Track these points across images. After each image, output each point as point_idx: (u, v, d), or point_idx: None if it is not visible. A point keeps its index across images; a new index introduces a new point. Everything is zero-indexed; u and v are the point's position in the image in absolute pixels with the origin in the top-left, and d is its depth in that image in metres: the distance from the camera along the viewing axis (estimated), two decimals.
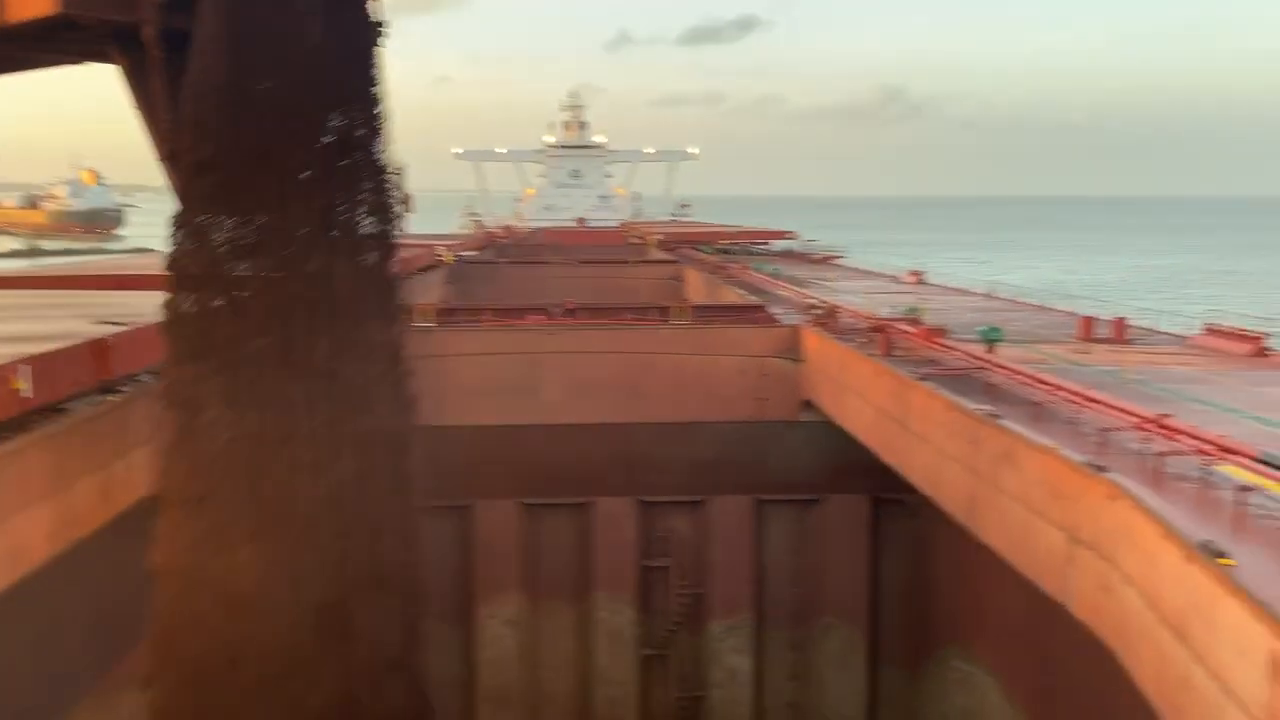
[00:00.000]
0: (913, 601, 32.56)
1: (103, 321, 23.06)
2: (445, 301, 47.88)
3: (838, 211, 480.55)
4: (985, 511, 20.32)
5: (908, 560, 32.77)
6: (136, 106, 19.77)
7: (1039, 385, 22.04)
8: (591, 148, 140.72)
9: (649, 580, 33.63)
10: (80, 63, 22.00)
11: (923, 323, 31.35)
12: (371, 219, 18.13)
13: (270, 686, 17.16)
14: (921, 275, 55.20)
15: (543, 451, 32.22)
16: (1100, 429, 18.86)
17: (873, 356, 27.69)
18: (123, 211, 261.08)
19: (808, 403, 32.29)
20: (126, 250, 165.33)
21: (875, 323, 31.00)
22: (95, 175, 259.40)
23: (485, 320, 36.50)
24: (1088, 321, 33.48)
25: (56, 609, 18.21)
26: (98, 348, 20.06)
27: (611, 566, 33.10)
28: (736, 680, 33.60)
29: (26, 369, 17.07)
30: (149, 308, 20.23)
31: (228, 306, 17.21)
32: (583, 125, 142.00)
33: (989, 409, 20.88)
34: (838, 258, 72.85)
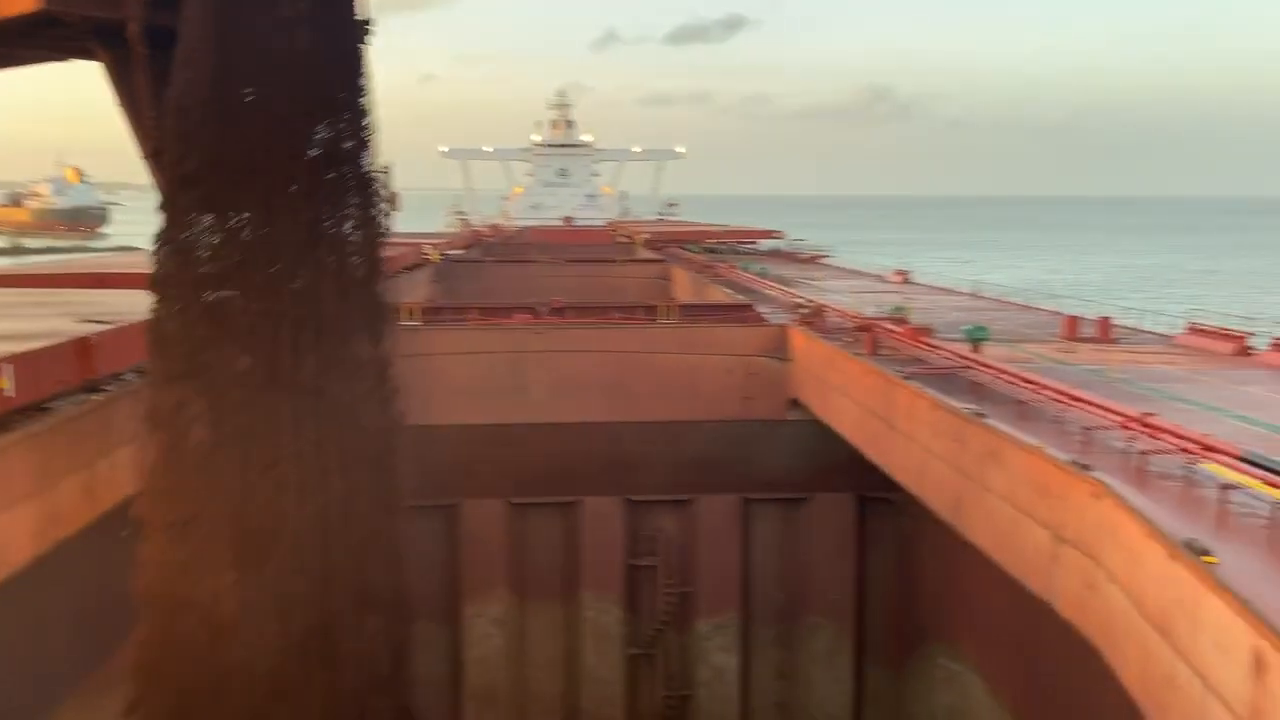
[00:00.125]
0: (899, 600, 32.66)
1: (86, 320, 22.93)
2: (431, 300, 47.80)
3: (824, 211, 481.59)
4: (971, 510, 20.41)
5: (894, 559, 32.86)
6: (120, 104, 19.68)
7: (1024, 384, 22.14)
8: (578, 146, 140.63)
9: (636, 579, 33.63)
10: (64, 60, 21.87)
11: (909, 322, 31.47)
12: (359, 233, 17.79)
13: (256, 713, 16.93)
14: (907, 275, 55.40)
15: (529, 450, 32.17)
16: (1085, 428, 18.98)
17: (859, 356, 27.77)
18: (107, 209, 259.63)
19: (794, 402, 32.35)
20: (110, 248, 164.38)
21: (862, 322, 31.09)
22: (79, 173, 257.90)
23: (472, 319, 36.43)
24: (1072, 321, 33.67)
25: (40, 609, 18.09)
26: (81, 346, 19.95)
27: (598, 565, 33.09)
28: (723, 679, 33.63)
29: (9, 368, 16.97)
30: (133, 306, 20.14)
31: (213, 325, 16.89)
32: (570, 124, 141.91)
33: (974, 408, 20.96)
34: (824, 257, 73.04)
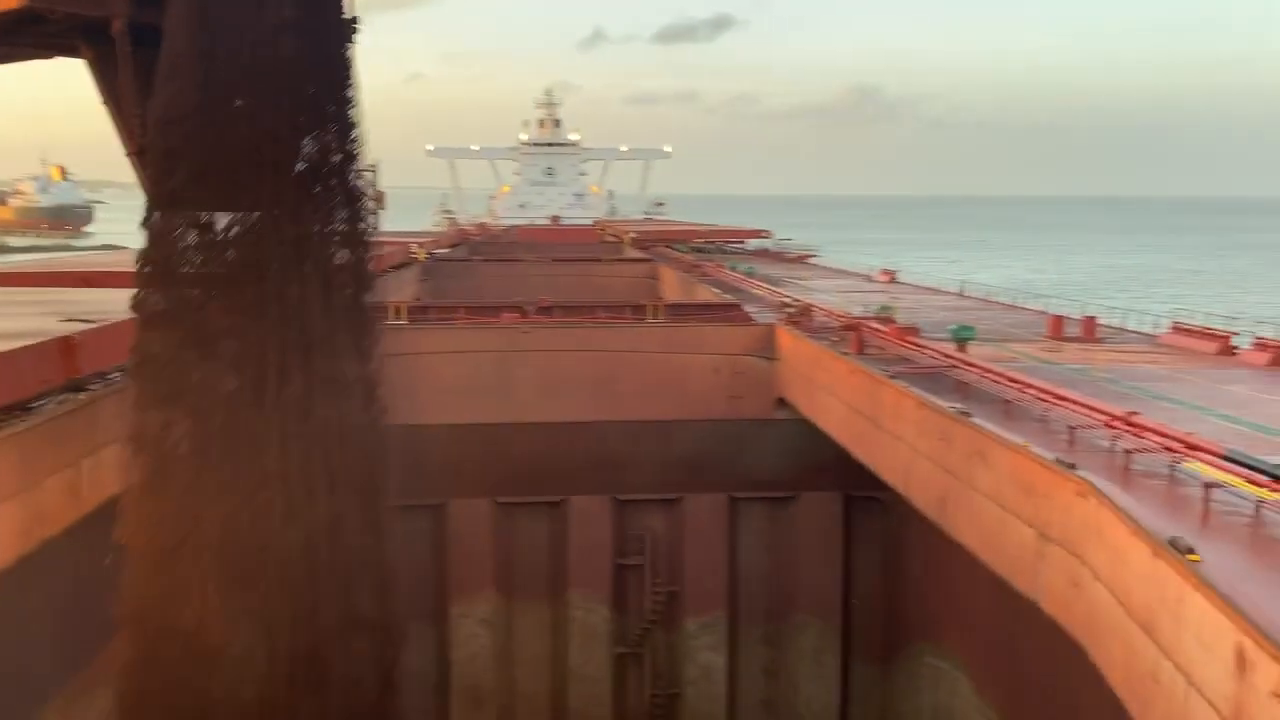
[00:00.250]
0: (885, 598, 32.76)
1: (70, 319, 22.80)
2: (418, 299, 47.72)
3: (811, 211, 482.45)
4: (957, 509, 20.49)
5: (880, 557, 32.97)
6: (105, 101, 19.57)
7: (1009, 383, 22.24)
8: (566, 145, 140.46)
9: (623, 578, 33.63)
10: (48, 57, 21.73)
11: (895, 321, 31.57)
12: (347, 249, 17.48)
13: None
14: (894, 274, 55.60)
15: (517, 450, 32.14)
16: (1070, 427, 19.08)
17: (846, 355, 27.84)
18: (91, 208, 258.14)
19: (782, 401, 32.41)
20: (94, 247, 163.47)
21: (848, 321, 31.18)
22: (63, 171, 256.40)
23: (459, 318, 36.37)
24: (1058, 320, 33.85)
25: (25, 609, 17.96)
26: (65, 345, 19.84)
27: (586, 565, 33.08)
28: (710, 678, 33.68)
29: None
30: (117, 305, 20.01)
31: (198, 346, 16.56)
32: (557, 123, 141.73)
33: (960, 407, 21.05)
34: (811, 257, 73.22)
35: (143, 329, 16.81)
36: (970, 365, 24.61)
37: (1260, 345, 28.44)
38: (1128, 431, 17.69)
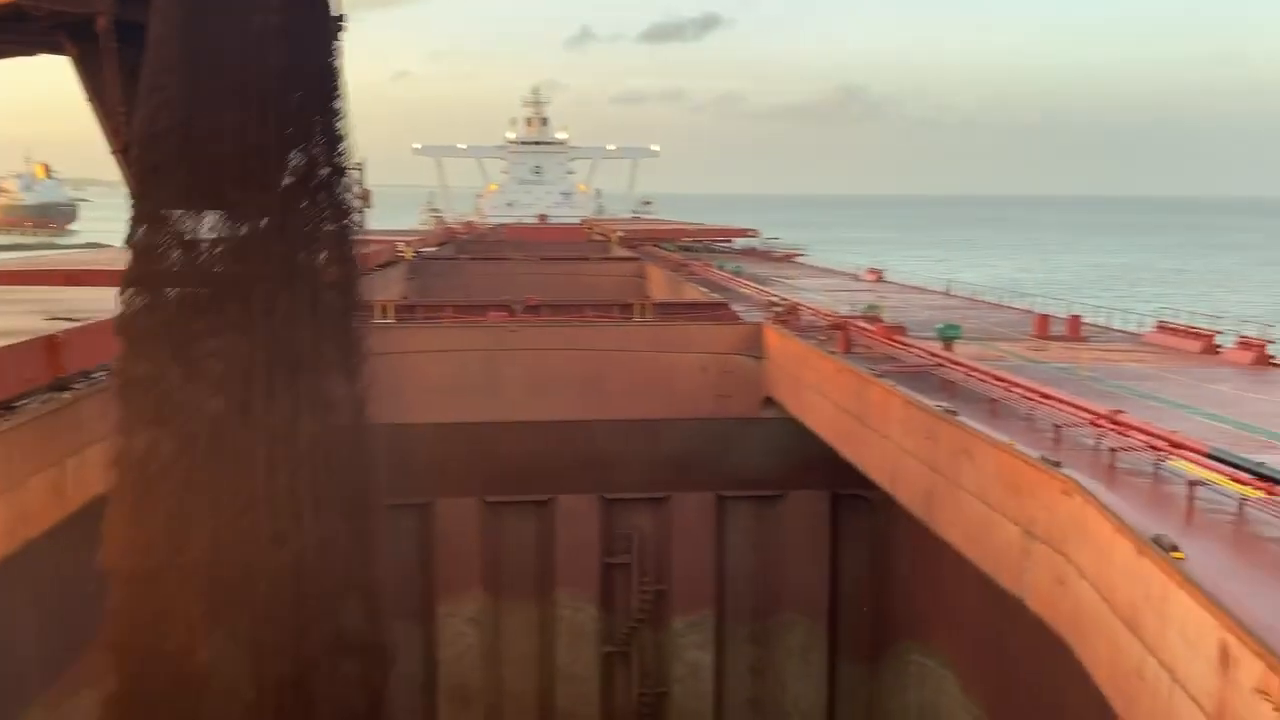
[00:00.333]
0: (872, 596, 32.86)
1: (54, 317, 22.69)
2: (405, 298, 47.60)
3: (798, 210, 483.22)
4: (943, 507, 20.56)
5: (867, 555, 33.07)
6: (89, 98, 19.47)
7: (995, 382, 22.32)
8: (553, 144, 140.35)
9: (611, 577, 33.64)
10: (32, 54, 21.59)
11: (882, 320, 31.65)
12: (335, 265, 17.13)
13: None
14: (881, 273, 55.78)
15: (504, 449, 32.10)
16: (1055, 425, 19.16)
17: (833, 354, 27.90)
18: (75, 206, 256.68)
19: (769, 399, 32.46)
20: (79, 245, 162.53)
21: (835, 320, 31.24)
22: (47, 169, 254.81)
23: (446, 317, 36.32)
24: (1043, 319, 34.00)
25: (7, 610, 17.87)
26: (50, 344, 19.73)
27: (573, 564, 33.07)
28: (698, 676, 33.71)
29: None
30: (102, 303, 19.90)
31: (183, 367, 16.23)
32: (544, 121, 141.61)
33: (946, 406, 21.12)
34: (799, 255, 73.36)
35: (127, 349, 16.44)
36: (956, 364, 24.69)
37: (1244, 344, 28.61)
38: (1113, 430, 17.78)
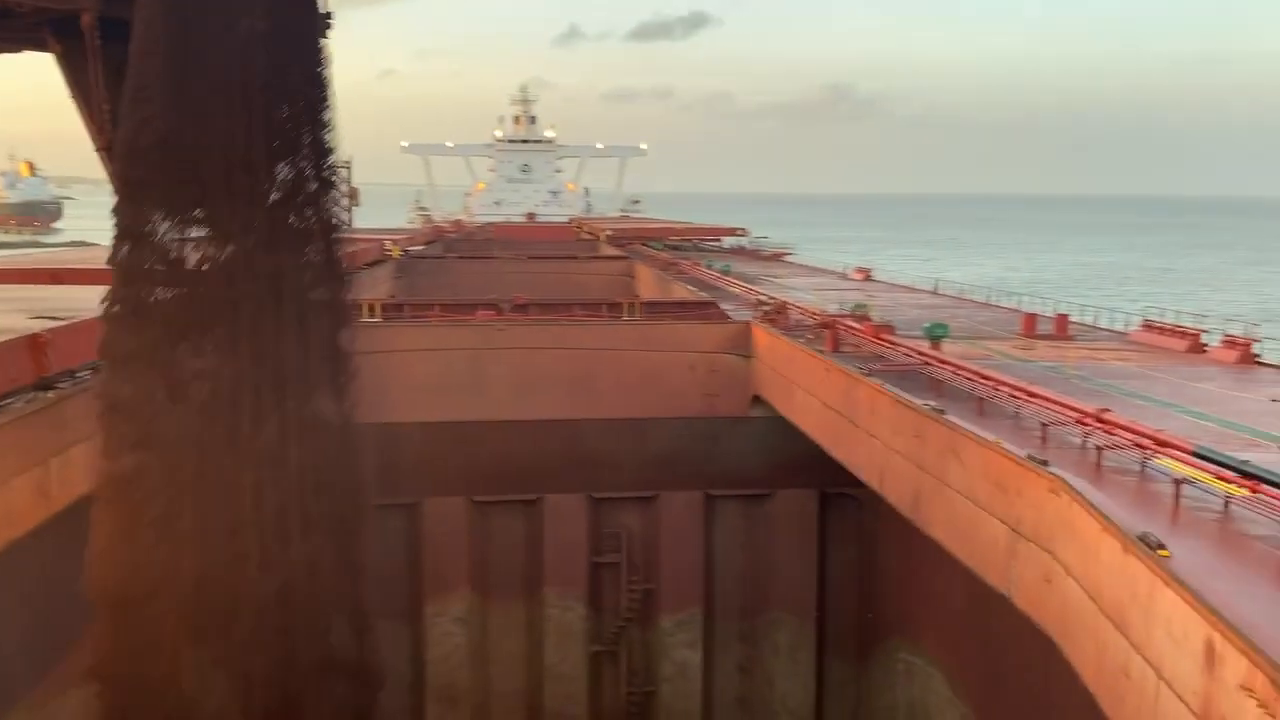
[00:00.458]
0: (860, 594, 32.94)
1: (39, 316, 22.53)
2: (393, 296, 47.49)
3: (787, 209, 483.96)
4: (930, 505, 20.61)
5: (855, 554, 33.13)
6: (74, 96, 19.34)
7: (983, 381, 22.38)
8: (541, 143, 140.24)
9: (599, 576, 33.61)
10: (16, 51, 21.43)
11: (870, 319, 31.71)
12: (322, 284, 16.79)
13: None
14: (869, 272, 55.92)
15: (492, 448, 32.04)
16: (1042, 423, 19.22)
17: (821, 353, 27.93)
18: (60, 204, 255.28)
19: (757, 398, 32.49)
20: (63, 243, 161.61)
21: (824, 319, 31.28)
22: (31, 166, 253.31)
23: (434, 316, 36.27)
24: (1030, 318, 34.15)
25: None
26: (34, 343, 19.58)
27: (561, 563, 33.03)
28: (686, 675, 33.72)
29: None
30: (86, 302, 19.78)
31: (168, 390, 15.87)
32: (532, 120, 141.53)
33: (934, 404, 21.16)
34: (787, 254, 73.49)
35: (111, 372, 16.10)
36: (944, 363, 24.74)
37: (1229, 343, 28.76)
38: (1099, 428, 17.84)
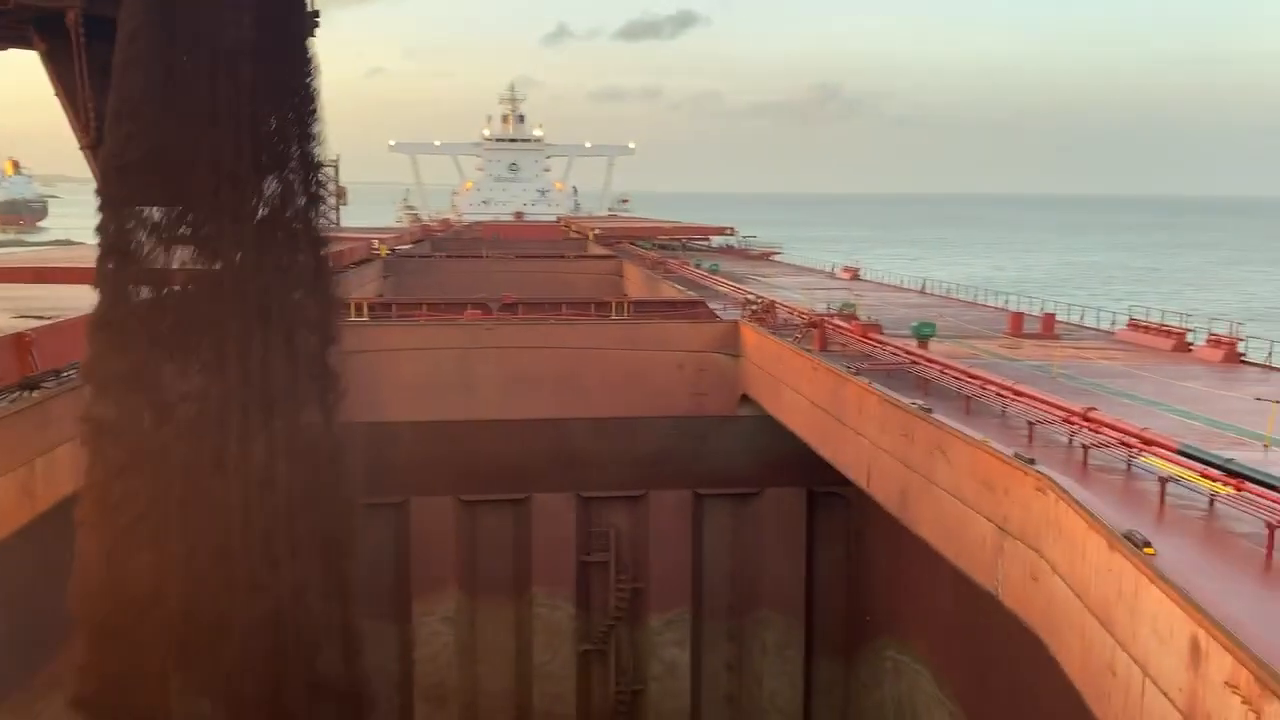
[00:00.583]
0: (848, 593, 33.03)
1: (23, 315, 22.42)
2: (381, 296, 47.40)
3: (774, 208, 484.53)
4: (918, 504, 20.67)
5: (843, 552, 33.22)
6: (58, 93, 19.21)
7: (970, 380, 22.46)
8: (529, 141, 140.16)
9: (587, 575, 33.62)
10: (1, 48, 21.29)
11: (857, 318, 31.79)
12: (311, 300, 16.54)
13: None
14: (856, 271, 56.04)
15: (480, 447, 32.00)
16: (1029, 422, 19.30)
17: (809, 352, 27.98)
18: (45, 202, 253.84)
19: (745, 397, 32.53)
20: (49, 242, 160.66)
21: (811, 318, 31.34)
22: (16, 165, 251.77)
23: (421, 315, 36.17)
24: (1017, 317, 34.29)
25: None
26: (18, 342, 19.49)
27: (550, 562, 33.02)
28: (675, 673, 33.76)
29: None
30: (72, 301, 19.69)
31: (155, 412, 15.63)
32: (521, 119, 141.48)
33: (921, 403, 21.23)
34: (775, 254, 73.61)
35: (97, 394, 15.78)
36: (931, 362, 24.82)
37: (1214, 342, 28.93)
38: (1085, 427, 17.93)
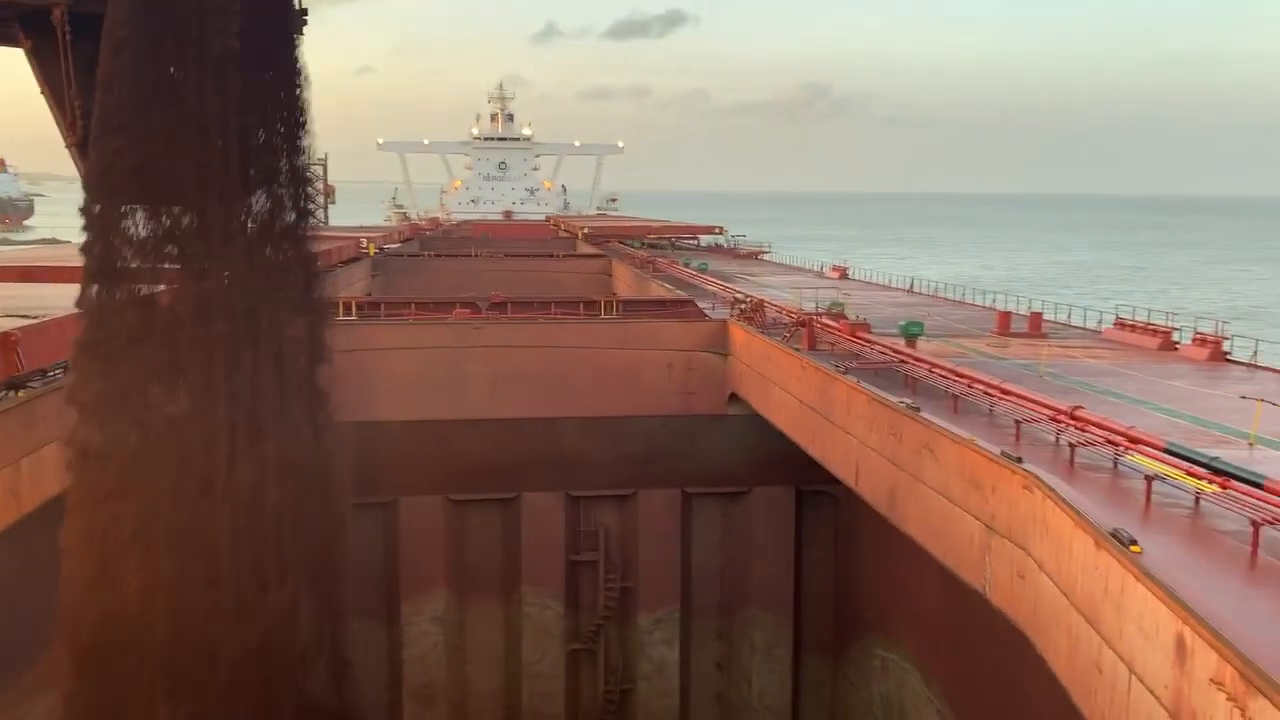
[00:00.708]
0: (836, 591, 33.10)
1: (9, 315, 22.30)
2: (369, 294, 47.30)
3: (763, 207, 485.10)
4: (906, 502, 20.73)
5: (831, 550, 33.29)
6: (44, 91, 19.12)
7: (957, 379, 22.54)
8: (518, 140, 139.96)
9: (577, 575, 33.61)
10: None
11: (846, 317, 31.87)
12: (300, 319, 16.24)
13: None
14: (845, 270, 56.17)
15: (469, 446, 31.96)
16: (1016, 421, 19.39)
17: (798, 351, 28.04)
18: (31, 201, 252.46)
19: (734, 396, 32.57)
20: (35, 241, 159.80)
21: (800, 317, 31.41)
22: (2, 163, 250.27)
23: (410, 314, 36.11)
24: (1005, 316, 34.43)
25: None
26: (4, 342, 19.39)
27: (539, 561, 32.99)
28: (664, 672, 33.78)
29: None
30: (58, 301, 19.59)
31: (142, 437, 15.27)
32: (509, 117, 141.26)
33: (909, 402, 21.30)
34: (763, 253, 73.72)
35: (83, 419, 15.42)
36: (919, 361, 24.91)
37: (1200, 340, 29.10)
38: (1072, 425, 18.02)
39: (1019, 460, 16.56)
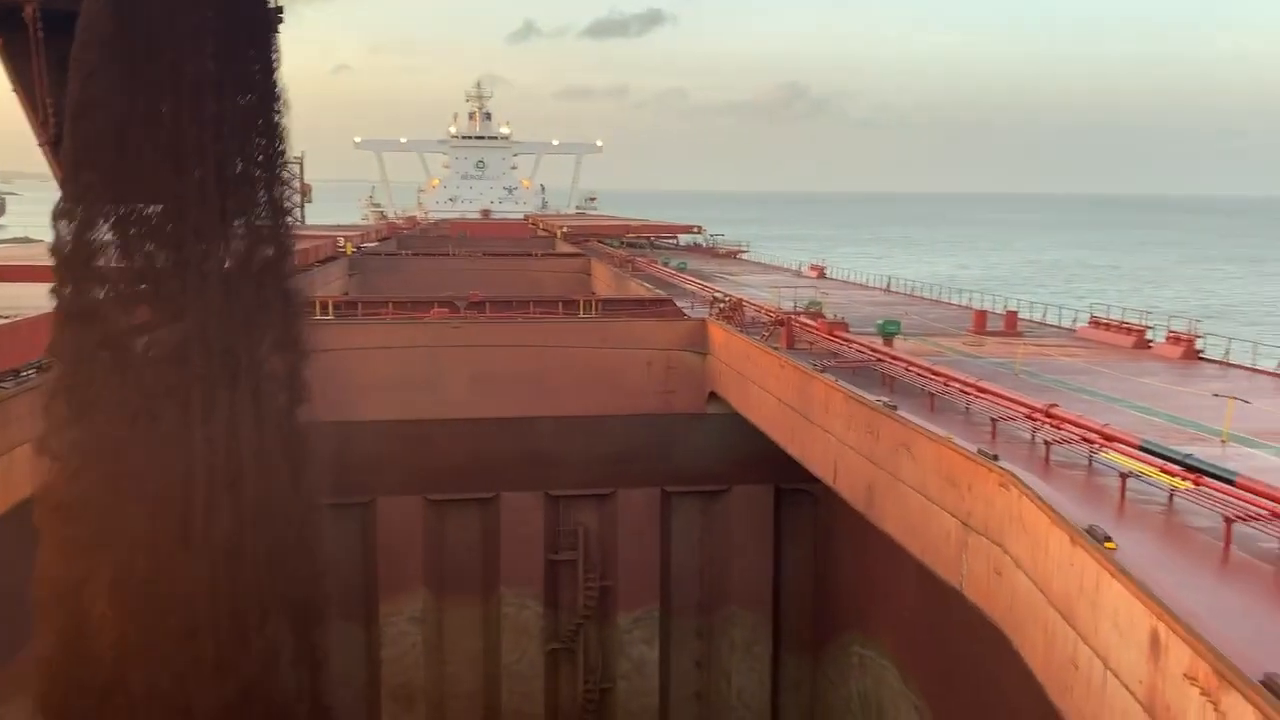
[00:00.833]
0: (815, 589, 33.23)
1: None
2: (346, 294, 47.06)
3: (742, 206, 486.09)
4: (883, 500, 20.83)
5: (810, 548, 33.41)
6: (16, 89, 18.93)
7: (934, 377, 22.66)
8: (496, 139, 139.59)
9: (556, 574, 33.56)
10: None
11: (824, 316, 31.98)
12: (280, 356, 15.72)
13: None
14: (823, 269, 56.37)
15: (447, 446, 31.85)
16: (992, 419, 19.51)
17: (776, 350, 28.11)
18: (2, 200, 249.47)
19: (713, 395, 32.62)
20: (6, 240, 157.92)
21: (779, 316, 31.49)
22: None
23: (387, 313, 35.94)
24: (981, 315, 34.64)
25: None
26: None
27: (518, 561, 32.93)
28: (643, 671, 33.79)
29: None
30: (30, 300, 19.37)
31: (117, 488, 14.79)
32: (487, 116, 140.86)
33: (887, 400, 21.40)
34: (742, 252, 73.84)
35: (57, 469, 14.98)
36: (897, 359, 25.02)
37: (1174, 339, 29.37)
38: (1048, 423, 18.15)
39: (995, 458, 16.68)
